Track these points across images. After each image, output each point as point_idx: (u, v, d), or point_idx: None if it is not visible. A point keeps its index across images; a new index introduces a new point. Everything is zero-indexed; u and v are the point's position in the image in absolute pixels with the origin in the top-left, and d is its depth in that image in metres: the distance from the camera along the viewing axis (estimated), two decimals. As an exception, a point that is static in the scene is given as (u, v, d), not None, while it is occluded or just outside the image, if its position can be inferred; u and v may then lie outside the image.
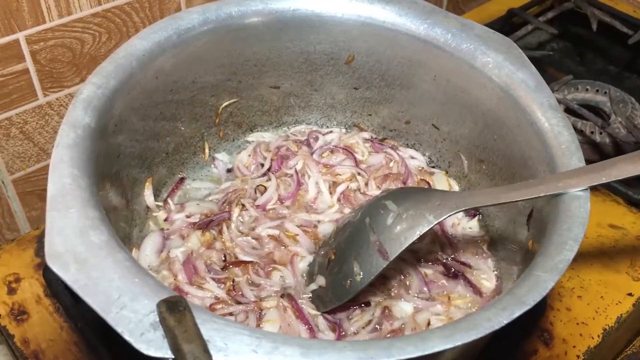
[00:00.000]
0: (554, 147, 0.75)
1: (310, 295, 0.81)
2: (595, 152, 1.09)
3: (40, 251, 0.92)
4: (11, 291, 0.87)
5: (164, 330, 0.52)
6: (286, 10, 0.90)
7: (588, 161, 0.72)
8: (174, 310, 0.52)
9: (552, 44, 1.41)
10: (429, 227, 0.71)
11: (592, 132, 1.09)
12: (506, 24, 1.33)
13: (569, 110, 1.12)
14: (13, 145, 1.00)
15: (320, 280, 0.79)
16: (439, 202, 0.71)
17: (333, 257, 0.79)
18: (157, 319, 0.53)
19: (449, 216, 0.71)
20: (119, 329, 0.53)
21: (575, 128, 1.09)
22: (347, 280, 0.75)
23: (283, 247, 0.86)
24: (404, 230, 0.72)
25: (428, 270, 0.84)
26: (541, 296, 0.59)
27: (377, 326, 0.78)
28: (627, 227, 0.99)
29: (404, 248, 0.72)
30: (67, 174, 0.65)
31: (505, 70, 0.83)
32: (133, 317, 0.54)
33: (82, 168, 0.66)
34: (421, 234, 0.71)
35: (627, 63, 1.34)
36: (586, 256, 0.94)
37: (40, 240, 0.94)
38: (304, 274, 0.84)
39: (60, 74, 0.99)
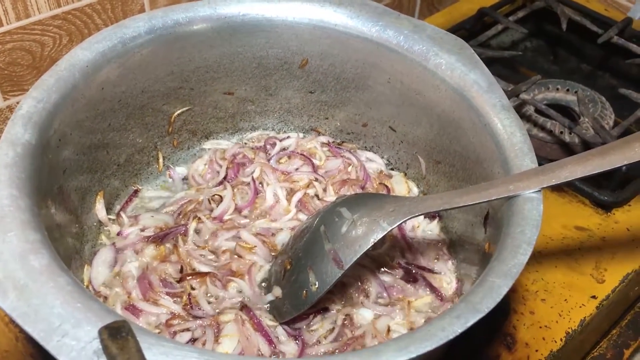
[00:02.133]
0: (507, 148, 0.75)
1: (268, 305, 0.79)
2: (565, 152, 1.08)
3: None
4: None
5: (106, 358, 0.50)
6: (235, 15, 0.89)
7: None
8: (116, 337, 0.51)
9: (526, 43, 1.40)
10: (383, 234, 0.70)
11: (561, 132, 1.08)
12: (477, 23, 1.32)
13: (538, 110, 1.11)
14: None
15: (277, 292, 0.78)
16: (393, 209, 0.70)
17: (289, 266, 0.77)
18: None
19: (403, 222, 0.70)
20: (61, 359, 0.51)
21: (544, 128, 1.09)
22: (302, 290, 0.74)
23: (240, 258, 0.84)
24: (359, 238, 0.71)
25: (388, 276, 0.84)
26: (495, 303, 0.59)
27: (338, 334, 0.77)
28: (593, 229, 0.98)
29: (358, 256, 0.71)
30: (5, 195, 0.62)
31: (457, 71, 0.83)
32: (75, 345, 0.52)
33: (22, 188, 0.64)
34: (375, 241, 0.70)
35: (599, 61, 1.33)
36: (551, 258, 0.94)
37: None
38: (263, 284, 0.83)
39: (21, 78, 0.97)
